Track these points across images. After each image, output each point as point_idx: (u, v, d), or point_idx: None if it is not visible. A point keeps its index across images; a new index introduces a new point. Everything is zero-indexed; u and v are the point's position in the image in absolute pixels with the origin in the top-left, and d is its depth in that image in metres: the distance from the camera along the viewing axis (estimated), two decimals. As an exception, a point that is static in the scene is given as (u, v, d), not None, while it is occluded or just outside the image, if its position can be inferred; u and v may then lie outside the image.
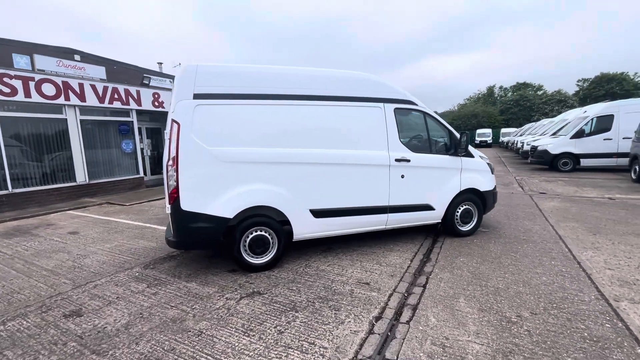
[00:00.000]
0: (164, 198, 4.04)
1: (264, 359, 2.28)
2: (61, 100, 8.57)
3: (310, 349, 2.37)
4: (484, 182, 4.92)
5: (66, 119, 8.82)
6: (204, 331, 2.64)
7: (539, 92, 51.13)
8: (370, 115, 4.22)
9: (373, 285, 3.39)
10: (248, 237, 3.74)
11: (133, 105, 10.30)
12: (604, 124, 12.22)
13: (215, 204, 3.57)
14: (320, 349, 2.38)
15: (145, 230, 5.82)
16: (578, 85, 50.13)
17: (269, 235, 3.81)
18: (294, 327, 2.67)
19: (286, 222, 3.89)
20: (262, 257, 3.83)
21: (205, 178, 3.56)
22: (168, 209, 3.56)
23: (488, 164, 5.08)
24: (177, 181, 3.45)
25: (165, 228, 5.67)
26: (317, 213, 3.98)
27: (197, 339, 2.54)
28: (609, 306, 2.82)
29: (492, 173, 5.11)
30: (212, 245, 3.80)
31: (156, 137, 12.72)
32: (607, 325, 2.55)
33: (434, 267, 3.81)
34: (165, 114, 11.72)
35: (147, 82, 11.05)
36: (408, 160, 4.33)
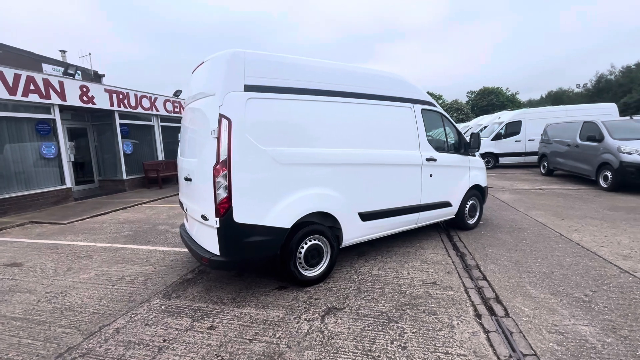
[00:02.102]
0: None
1: (417, 380, 2.06)
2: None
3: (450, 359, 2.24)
4: (483, 179, 5.41)
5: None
6: (319, 362, 2.25)
7: (439, 101, 59.19)
8: (405, 115, 4.23)
9: (441, 284, 3.40)
10: (303, 247, 3.35)
11: (55, 99, 8.27)
12: (514, 128, 14.76)
13: (272, 213, 3.10)
14: (460, 357, 2.26)
15: (121, 253, 4.72)
16: (468, 96, 59.59)
17: (323, 243, 3.49)
18: (411, 339, 2.48)
19: (336, 228, 3.62)
20: (315, 268, 3.48)
21: (262, 184, 3.06)
22: (216, 223, 2.93)
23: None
24: (229, 189, 2.88)
25: (147, 246, 4.74)
26: (365, 216, 3.81)
27: (320, 372, 2.15)
28: (633, 276, 3.38)
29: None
30: (264, 262, 3.28)
31: (81, 139, 10.51)
32: (650, 293, 3.05)
33: (474, 260, 4.01)
34: (98, 111, 9.81)
35: (72, 72, 9.00)
36: (435, 160, 4.48)
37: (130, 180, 10.80)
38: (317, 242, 3.43)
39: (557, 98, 59.43)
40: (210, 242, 3.11)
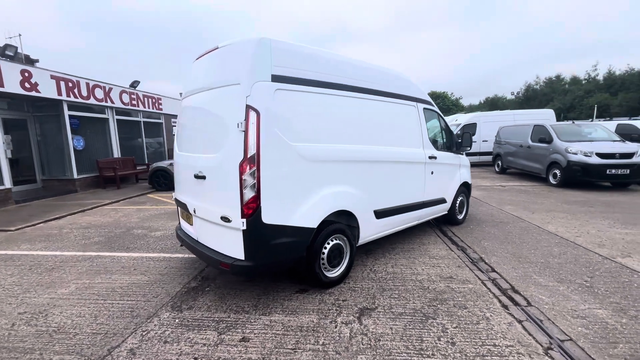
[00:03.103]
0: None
1: (481, 375, 2.07)
2: None
3: (499, 351, 2.30)
4: (469, 176, 5.72)
5: None
6: (377, 366, 2.17)
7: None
8: (412, 113, 4.30)
9: (457, 278, 3.50)
10: (326, 248, 3.22)
11: (-10, 84, 7.02)
12: (470, 129, 15.94)
13: (299, 212, 2.92)
14: (509, 348, 2.33)
15: (100, 262, 4.14)
16: (418, 99, 63.21)
17: (343, 243, 3.39)
18: (456, 334, 2.50)
19: (353, 227, 3.54)
20: (337, 269, 3.37)
21: (290, 181, 2.86)
22: (242, 224, 2.67)
23: None
24: (257, 187, 2.65)
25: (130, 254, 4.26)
26: (379, 214, 3.78)
27: (383, 377, 2.07)
28: (614, 262, 3.80)
29: None
30: (289, 265, 3.07)
31: (18, 132, 9.07)
32: (634, 276, 3.44)
33: (476, 253, 4.21)
34: (42, 100, 8.55)
35: (11, 54, 7.66)
36: (435, 158, 4.61)
37: (82, 180, 9.59)
38: (338, 241, 3.32)
39: (494, 103, 65.81)
40: (231, 245, 2.84)
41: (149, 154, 13.10)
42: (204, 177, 3.02)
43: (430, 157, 4.50)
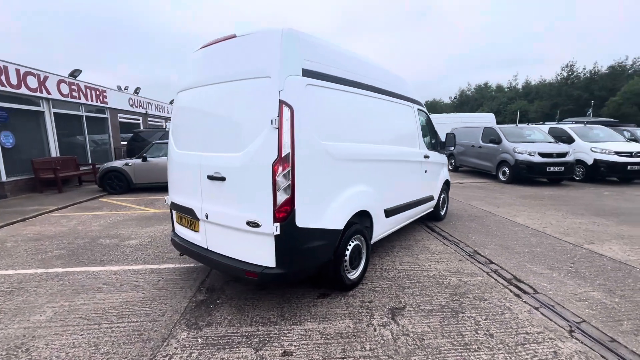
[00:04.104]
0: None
1: (529, 363, 2.19)
2: None
3: (534, 338, 2.45)
4: (448, 174, 6.06)
5: None
6: (434, 365, 2.16)
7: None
8: (410, 114, 4.40)
9: (464, 272, 3.67)
10: (348, 249, 3.14)
11: None
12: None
13: (328, 214, 2.80)
14: (540, 334, 2.50)
15: (73, 279, 3.53)
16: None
17: (361, 243, 3.34)
18: (489, 326, 2.62)
19: (367, 227, 3.51)
20: (356, 270, 3.31)
21: (321, 182, 2.73)
22: (276, 229, 2.47)
23: None
24: (292, 189, 2.48)
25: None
26: (388, 212, 3.81)
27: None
28: (584, 249, 4.32)
29: None
30: (317, 270, 2.91)
31: None
32: (604, 260, 3.95)
33: (469, 247, 4.47)
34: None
35: None
36: (428, 157, 4.80)
37: (12, 183, 8.13)
38: (357, 242, 3.26)
39: (433, 106, 71.31)
40: (258, 252, 2.62)
41: (93, 152, 11.61)
42: (222, 179, 2.73)
43: (425, 157, 4.67)
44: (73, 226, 5.62)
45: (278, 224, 2.47)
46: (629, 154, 9.86)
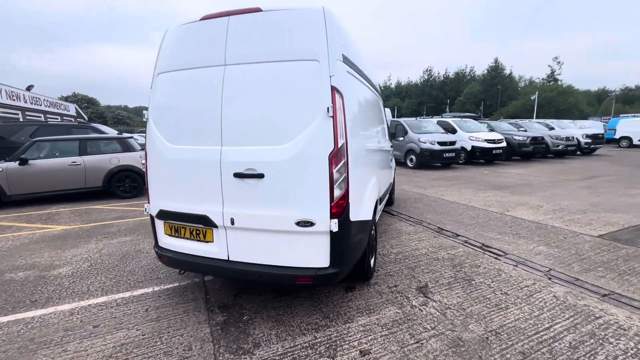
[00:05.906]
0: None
1: (542, 327, 2.70)
2: None
3: (534, 289, 3.02)
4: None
5: None
6: (500, 328, 2.44)
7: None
8: (381, 104, 4.64)
9: (445, 245, 4.16)
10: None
11: None
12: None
13: (364, 205, 2.77)
14: (534, 285, 3.09)
15: (8, 332, 2.45)
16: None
17: (374, 232, 3.41)
18: (498, 287, 3.08)
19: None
20: (372, 258, 3.36)
21: (362, 173, 2.68)
22: (334, 226, 2.29)
23: None
24: (347, 180, 2.35)
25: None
26: (380, 200, 3.97)
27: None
28: (508, 215, 5.47)
29: None
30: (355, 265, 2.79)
31: None
32: (526, 222, 5.09)
33: (431, 224, 5.07)
34: None
35: None
36: (392, 147, 5.18)
37: None
38: (373, 231, 3.32)
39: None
40: (308, 253, 2.39)
41: None
42: (259, 176, 2.35)
43: (390, 146, 5.03)
44: (-64, 263, 3.83)
45: (336, 220, 2.31)
46: (493, 141, 12.80)
